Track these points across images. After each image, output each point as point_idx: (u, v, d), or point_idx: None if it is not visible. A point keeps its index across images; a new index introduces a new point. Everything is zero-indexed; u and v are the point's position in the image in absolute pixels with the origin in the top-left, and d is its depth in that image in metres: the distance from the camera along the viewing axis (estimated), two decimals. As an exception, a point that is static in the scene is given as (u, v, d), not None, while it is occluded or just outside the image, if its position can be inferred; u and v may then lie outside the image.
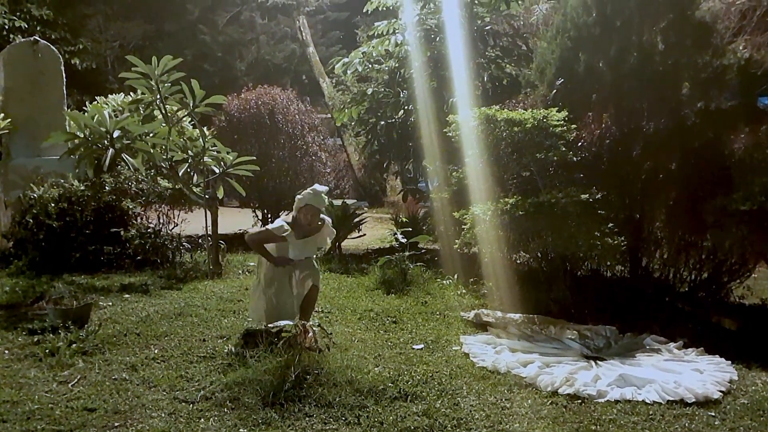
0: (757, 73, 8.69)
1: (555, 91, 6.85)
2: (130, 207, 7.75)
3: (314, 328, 4.63)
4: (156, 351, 4.67)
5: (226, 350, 4.67)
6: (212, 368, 4.34)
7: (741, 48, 9.64)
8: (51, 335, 4.77)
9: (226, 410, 3.69)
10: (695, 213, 6.19)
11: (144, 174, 7.52)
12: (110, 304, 5.90)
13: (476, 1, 9.54)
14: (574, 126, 6.37)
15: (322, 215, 5.10)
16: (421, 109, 9.40)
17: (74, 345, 4.60)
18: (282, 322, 4.77)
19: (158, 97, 7.00)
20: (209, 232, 7.48)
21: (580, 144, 6.44)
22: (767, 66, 10.27)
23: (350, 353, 4.70)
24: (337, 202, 10.00)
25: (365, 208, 13.49)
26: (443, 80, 9.23)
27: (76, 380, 4.08)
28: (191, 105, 7.08)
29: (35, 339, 4.77)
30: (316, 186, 4.98)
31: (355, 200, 15.26)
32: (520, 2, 9.58)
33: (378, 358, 4.68)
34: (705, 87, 6.50)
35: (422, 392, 4.03)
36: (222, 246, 7.58)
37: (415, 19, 9.55)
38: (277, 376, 3.99)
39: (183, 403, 3.77)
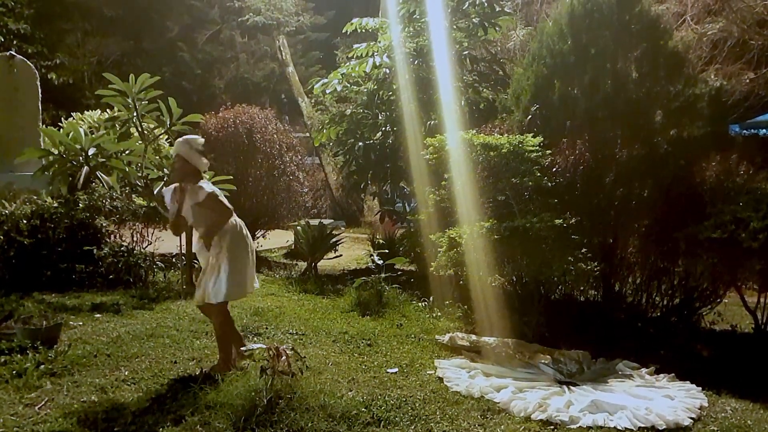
0: (727, 102, 8.90)
1: (530, 116, 6.94)
2: (104, 225, 7.66)
3: (287, 352, 4.59)
4: (126, 373, 4.60)
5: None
6: (183, 391, 4.28)
7: (712, 77, 9.89)
8: (19, 356, 4.68)
9: (196, 435, 3.64)
10: (667, 239, 6.29)
11: (118, 191, 7.45)
12: (81, 323, 5.82)
13: (455, 26, 9.65)
14: (548, 152, 6.46)
15: (203, 184, 4.74)
16: (399, 131, 9.46)
17: (42, 366, 4.52)
18: (254, 345, 4.73)
19: (135, 114, 6.95)
20: (183, 251, 7.42)
21: (554, 170, 6.51)
22: (738, 95, 10.56)
23: (324, 377, 4.68)
24: (314, 222, 10.00)
25: (342, 228, 13.51)
26: (421, 103, 9.30)
27: (43, 403, 4.00)
28: (168, 123, 7.04)
29: (2, 360, 4.66)
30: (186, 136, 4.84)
31: (332, 220, 15.27)
32: (497, 28, 9.72)
33: (352, 382, 4.66)
34: (677, 115, 6.64)
35: (395, 417, 4.02)
36: (196, 265, 7.50)
37: (395, 42, 9.63)
38: (248, 400, 3.95)
39: (153, 427, 3.71)
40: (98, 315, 6.18)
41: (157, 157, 7.27)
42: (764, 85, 10.95)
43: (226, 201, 4.78)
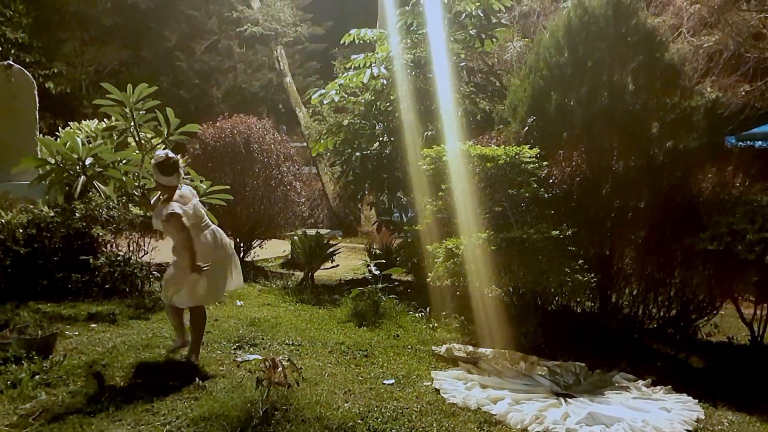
0: (723, 114, 8.94)
1: (527, 128, 6.96)
2: (100, 234, 7.65)
3: (284, 363, 4.58)
4: (122, 383, 4.58)
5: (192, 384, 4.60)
6: (178, 402, 4.27)
7: (708, 89, 9.94)
8: (14, 366, 4.65)
9: (191, 446, 3.63)
10: (664, 251, 6.30)
11: (115, 201, 7.43)
12: (76, 333, 5.79)
13: (452, 38, 9.69)
14: (545, 163, 6.48)
15: (172, 203, 4.91)
16: (397, 142, 9.48)
17: (37, 376, 4.50)
18: (250, 356, 4.73)
19: (132, 124, 6.96)
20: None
21: (551, 181, 6.54)
22: (733, 107, 10.61)
23: (320, 388, 4.66)
24: (311, 232, 9.99)
25: (339, 238, 13.49)
26: (419, 114, 9.32)
27: (38, 413, 3.99)
28: (166, 133, 7.05)
29: (-3, 370, 4.65)
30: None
31: (329, 230, 15.26)
32: (494, 40, 9.76)
33: (348, 393, 4.64)
34: (673, 127, 6.66)
35: (392, 429, 4.01)
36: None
37: (392, 53, 9.67)
38: (244, 411, 3.94)
39: (148, 439, 3.70)
40: (94, 325, 6.15)
41: (155, 167, 7.27)
42: (760, 98, 11.00)
43: (186, 222, 4.82)
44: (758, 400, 4.91)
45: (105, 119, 9.83)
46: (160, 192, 5.06)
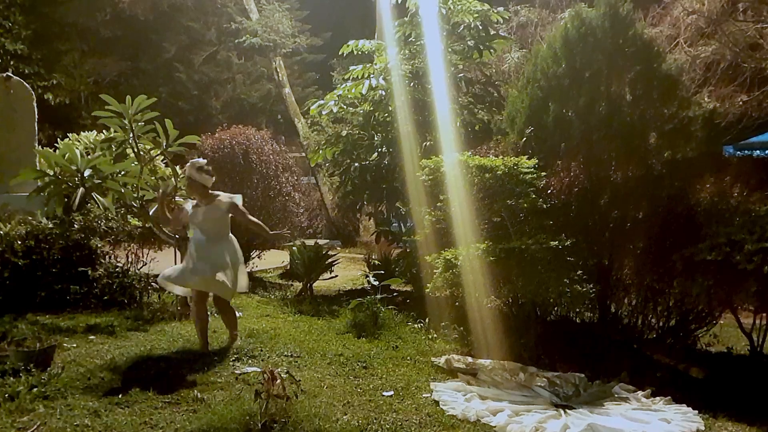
0: (721, 124, 8.97)
1: (525, 138, 6.97)
2: (99, 246, 7.64)
3: (282, 375, 4.57)
4: (120, 396, 4.56)
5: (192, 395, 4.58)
6: (177, 415, 4.25)
7: (706, 99, 9.97)
8: (11, 378, 4.63)
9: (190, 459, 3.61)
10: (663, 261, 6.30)
11: (114, 212, 7.43)
12: (74, 345, 5.78)
13: (450, 49, 9.73)
14: (544, 173, 6.49)
15: (218, 192, 6.09)
16: (395, 152, 9.50)
17: (35, 389, 4.47)
18: (249, 369, 4.71)
19: (131, 135, 6.97)
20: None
21: (549, 191, 6.54)
22: (731, 117, 10.64)
23: (319, 400, 4.64)
24: (310, 242, 9.98)
25: (338, 249, 13.48)
26: (417, 124, 9.34)
27: (35, 426, 3.97)
28: (164, 144, 7.06)
29: (-6, 382, 4.63)
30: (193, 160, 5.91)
31: (328, 240, 15.24)
32: (492, 51, 9.79)
33: (347, 405, 4.63)
34: (671, 137, 6.67)
35: (391, 442, 3.99)
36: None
37: (391, 64, 9.70)
38: (243, 424, 3.92)
39: (146, 452, 3.69)
40: (92, 337, 6.14)
41: (153, 178, 7.28)
42: (757, 107, 11.03)
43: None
44: (758, 411, 4.89)
45: (104, 131, 9.83)
46: (192, 194, 6.09)
